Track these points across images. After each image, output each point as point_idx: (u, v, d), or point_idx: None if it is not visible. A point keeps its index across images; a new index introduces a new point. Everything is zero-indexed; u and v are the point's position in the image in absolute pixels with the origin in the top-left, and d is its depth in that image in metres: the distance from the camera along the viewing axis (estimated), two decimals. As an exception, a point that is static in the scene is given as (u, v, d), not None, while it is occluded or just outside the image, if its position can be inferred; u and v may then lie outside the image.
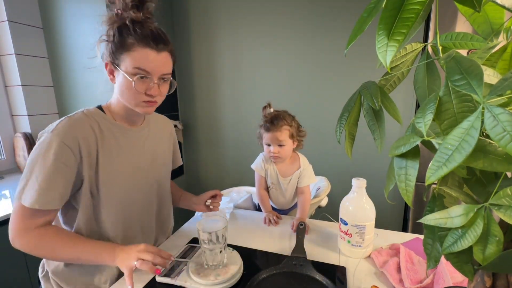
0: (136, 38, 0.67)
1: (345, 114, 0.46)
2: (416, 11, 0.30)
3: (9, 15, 1.61)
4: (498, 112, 0.25)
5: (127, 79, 0.68)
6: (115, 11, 0.68)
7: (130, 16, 0.67)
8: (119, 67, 0.69)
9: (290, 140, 1.06)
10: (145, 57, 0.68)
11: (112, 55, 0.69)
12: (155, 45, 0.69)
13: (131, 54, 0.67)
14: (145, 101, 0.73)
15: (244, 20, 1.96)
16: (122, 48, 0.67)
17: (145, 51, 0.68)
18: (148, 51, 0.68)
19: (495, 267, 0.30)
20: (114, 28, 0.68)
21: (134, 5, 0.68)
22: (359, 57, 1.74)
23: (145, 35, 0.67)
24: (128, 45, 0.67)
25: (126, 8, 0.67)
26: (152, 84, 0.71)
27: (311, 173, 1.13)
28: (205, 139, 2.28)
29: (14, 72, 1.67)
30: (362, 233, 0.81)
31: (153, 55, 0.69)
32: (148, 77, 0.70)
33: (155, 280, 0.74)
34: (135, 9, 0.68)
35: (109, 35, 0.69)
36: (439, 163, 0.28)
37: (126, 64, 0.68)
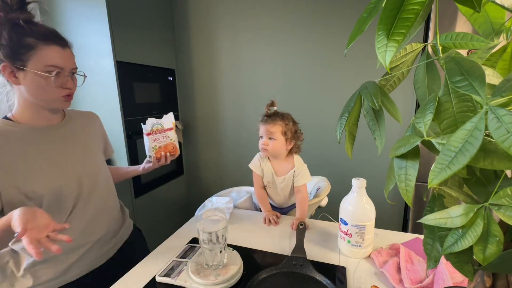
0: (37, 37, 0.68)
1: (345, 114, 0.46)
2: (416, 11, 0.30)
3: (9, 15, 1.61)
4: (502, 114, 0.25)
5: (40, 77, 0.69)
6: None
7: (19, 17, 0.67)
8: (25, 67, 0.68)
9: (281, 136, 1.09)
10: (53, 54, 0.70)
11: (12, 55, 0.67)
12: (58, 41, 0.71)
13: (37, 52, 0.68)
14: (64, 95, 0.75)
15: (244, 20, 1.96)
16: (24, 48, 0.67)
17: (51, 48, 0.70)
18: (54, 48, 0.70)
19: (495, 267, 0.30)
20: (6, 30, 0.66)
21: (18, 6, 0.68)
22: (359, 57, 1.74)
23: (44, 33, 0.69)
24: (30, 44, 0.67)
25: (8, 10, 0.67)
26: (67, 78, 0.74)
27: (306, 173, 1.14)
28: (205, 139, 2.28)
29: (14, 72, 1.67)
30: (362, 233, 0.81)
31: (60, 51, 0.72)
32: (61, 72, 0.72)
33: (155, 280, 0.74)
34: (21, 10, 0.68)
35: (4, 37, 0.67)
36: (442, 165, 0.28)
37: (34, 63, 0.68)
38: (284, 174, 1.15)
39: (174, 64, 2.17)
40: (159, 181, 2.03)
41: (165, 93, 2.07)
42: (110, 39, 1.58)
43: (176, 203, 2.25)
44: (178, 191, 2.29)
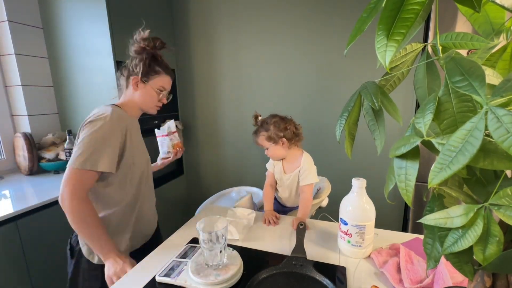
0: (162, 67, 1.01)
1: (345, 114, 0.46)
2: (416, 11, 0.30)
3: (9, 15, 1.61)
4: (502, 114, 0.25)
5: (153, 92, 1.01)
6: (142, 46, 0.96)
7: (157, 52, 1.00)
8: (147, 83, 0.99)
9: (269, 143, 1.16)
10: (167, 81, 1.04)
11: (143, 74, 0.97)
12: (172, 74, 1.06)
13: (159, 77, 1.01)
14: (158, 106, 1.06)
15: (244, 20, 1.96)
16: (153, 72, 0.99)
17: (167, 77, 1.03)
18: (168, 77, 1.04)
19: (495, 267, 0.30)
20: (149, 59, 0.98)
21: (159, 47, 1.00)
22: (359, 57, 1.74)
23: (166, 66, 1.03)
24: (157, 71, 1.00)
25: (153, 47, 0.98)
26: (164, 97, 1.05)
27: (311, 173, 1.14)
28: (205, 139, 2.28)
29: (14, 72, 1.67)
30: (362, 233, 0.81)
31: (170, 80, 1.05)
32: (164, 92, 1.04)
33: (155, 280, 0.74)
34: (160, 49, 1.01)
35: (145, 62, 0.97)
36: (442, 165, 0.28)
37: (154, 82, 1.00)
38: (291, 172, 1.19)
39: (174, 64, 2.17)
40: (159, 181, 2.03)
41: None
42: (110, 39, 1.58)
43: (176, 203, 2.25)
44: (178, 191, 2.29)
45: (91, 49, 1.65)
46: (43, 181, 1.57)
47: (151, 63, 0.99)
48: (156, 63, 1.01)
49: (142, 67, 0.98)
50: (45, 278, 1.32)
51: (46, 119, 1.82)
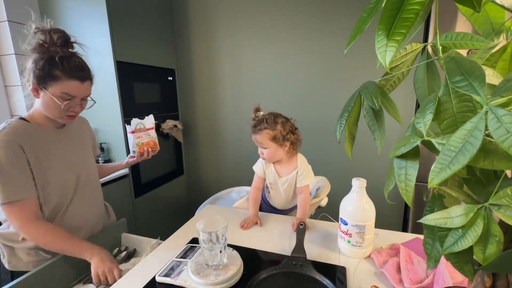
0: (64, 71, 0.81)
1: (345, 114, 0.46)
2: (416, 11, 0.30)
3: (9, 15, 1.61)
4: (502, 114, 0.25)
5: (53, 100, 0.83)
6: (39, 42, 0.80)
7: (57, 52, 0.81)
8: (46, 89, 0.82)
9: (272, 143, 1.06)
10: (71, 87, 0.84)
11: (39, 79, 0.81)
12: (80, 77, 0.85)
13: (58, 83, 0.82)
14: (68, 115, 0.89)
15: (244, 20, 1.96)
16: (50, 77, 0.81)
17: (71, 82, 0.83)
18: (73, 82, 0.84)
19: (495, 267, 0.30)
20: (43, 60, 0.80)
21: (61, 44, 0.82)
22: (359, 57, 1.74)
23: (72, 69, 0.83)
24: (55, 76, 0.81)
25: (52, 44, 0.81)
26: (76, 104, 0.88)
27: (309, 173, 1.13)
28: (205, 139, 2.28)
29: (14, 72, 1.67)
30: (362, 233, 0.81)
31: (77, 84, 0.85)
32: (72, 99, 0.86)
33: (155, 280, 0.74)
34: (62, 47, 0.83)
35: (38, 64, 0.80)
36: (442, 165, 0.28)
37: (53, 89, 0.82)
38: (287, 175, 1.13)
39: (174, 64, 2.17)
40: (159, 181, 2.03)
41: (165, 93, 2.07)
42: (110, 39, 1.58)
43: (176, 203, 2.25)
44: (178, 191, 2.29)
45: (91, 49, 1.64)
46: (43, 181, 1.57)
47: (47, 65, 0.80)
48: (54, 66, 0.80)
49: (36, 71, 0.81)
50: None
51: (46, 119, 1.82)
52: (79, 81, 0.85)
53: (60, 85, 0.82)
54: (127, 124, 1.17)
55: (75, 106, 0.88)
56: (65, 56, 0.83)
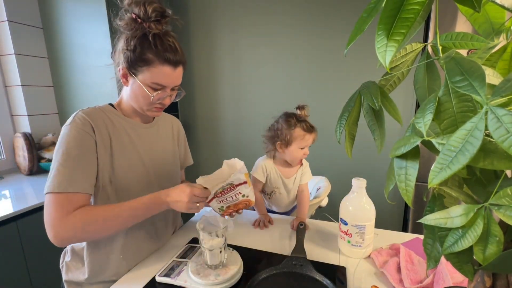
0: (157, 54, 0.69)
1: (345, 114, 0.46)
2: (416, 11, 0.30)
3: (9, 15, 1.61)
4: (502, 114, 0.25)
5: (143, 89, 0.73)
6: (132, 16, 0.69)
7: (151, 29, 0.70)
8: (136, 76, 0.72)
9: None
10: (163, 74, 0.72)
11: (130, 63, 0.71)
12: (173, 61, 0.72)
13: (150, 69, 0.71)
14: (157, 107, 0.79)
15: (244, 20, 1.96)
16: (142, 61, 0.70)
17: (164, 68, 0.71)
18: (166, 68, 0.71)
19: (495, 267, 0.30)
20: (135, 39, 0.69)
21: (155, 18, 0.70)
22: (359, 57, 1.74)
23: (165, 51, 0.70)
24: (148, 60, 0.70)
25: (146, 18, 0.69)
26: (166, 95, 0.77)
27: (309, 170, 1.14)
28: (205, 139, 2.28)
29: (14, 72, 1.67)
30: (362, 233, 0.81)
31: (170, 71, 0.73)
32: (163, 89, 0.75)
33: (155, 280, 0.74)
34: (156, 22, 0.70)
35: (129, 44, 0.70)
36: (442, 165, 0.28)
37: (144, 76, 0.72)
38: (293, 174, 1.11)
39: (174, 64, 2.17)
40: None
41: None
42: (110, 39, 1.58)
43: (176, 203, 2.25)
44: (178, 191, 2.29)
45: (91, 49, 1.65)
46: (43, 181, 1.56)
47: (138, 46, 0.69)
48: (147, 47, 0.69)
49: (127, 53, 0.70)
50: (45, 278, 1.32)
51: (46, 119, 1.83)
52: (172, 66, 0.72)
53: (151, 72, 0.71)
54: None
55: (164, 98, 0.77)
56: (159, 35, 0.70)
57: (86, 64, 1.68)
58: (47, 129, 1.82)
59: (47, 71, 1.81)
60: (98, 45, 1.62)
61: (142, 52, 0.69)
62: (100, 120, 0.75)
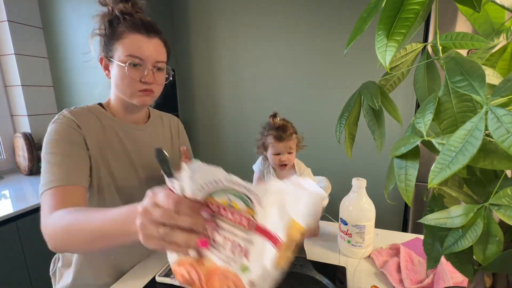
0: (126, 26, 0.68)
1: (345, 114, 0.46)
2: (416, 11, 0.30)
3: (9, 15, 1.61)
4: (502, 114, 0.25)
5: (121, 68, 0.68)
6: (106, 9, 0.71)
7: (120, 8, 0.70)
8: (113, 58, 0.70)
9: (296, 147, 1.08)
10: (136, 43, 0.68)
11: (105, 47, 0.70)
12: (146, 31, 0.69)
13: (122, 42, 0.68)
14: (141, 90, 0.72)
15: (244, 20, 1.96)
16: (114, 38, 0.69)
17: (135, 37, 0.68)
18: (139, 37, 0.69)
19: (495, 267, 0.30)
20: (105, 21, 0.70)
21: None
22: (359, 57, 1.74)
23: (135, 22, 0.69)
24: (118, 33, 0.68)
25: (115, 2, 0.70)
26: (147, 71, 0.70)
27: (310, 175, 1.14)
28: (205, 139, 2.28)
29: (14, 72, 1.67)
30: (362, 233, 0.81)
31: (144, 40, 0.69)
32: (142, 64, 0.70)
33: (155, 280, 0.74)
34: (124, 2, 0.71)
35: (101, 28, 0.70)
36: (442, 165, 0.28)
37: (119, 53, 0.69)
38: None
39: (174, 64, 2.17)
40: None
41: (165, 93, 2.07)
42: (110, 39, 1.58)
43: (176, 203, 2.25)
44: (178, 191, 2.29)
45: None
46: (43, 181, 1.57)
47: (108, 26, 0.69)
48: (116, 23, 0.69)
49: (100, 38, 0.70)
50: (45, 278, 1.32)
51: (46, 119, 1.82)
52: (144, 35, 0.69)
53: (123, 44, 0.68)
54: None
55: (146, 75, 0.70)
56: (128, 12, 0.70)
57: (86, 64, 1.68)
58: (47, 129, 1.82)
59: (47, 71, 1.81)
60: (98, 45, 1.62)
61: (112, 30, 0.69)
62: (88, 119, 0.72)
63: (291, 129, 1.06)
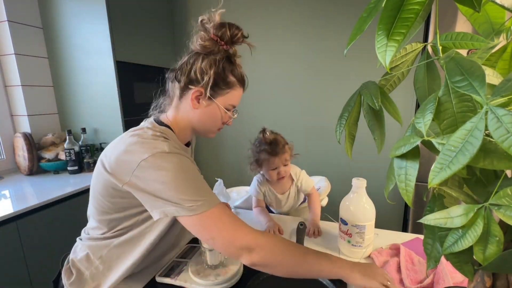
0: (237, 78, 0.71)
1: (345, 114, 0.46)
2: (416, 11, 0.30)
3: (9, 15, 1.61)
4: (502, 114, 0.24)
5: (218, 111, 0.71)
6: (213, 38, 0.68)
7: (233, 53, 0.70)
8: (214, 98, 0.70)
9: (290, 158, 1.08)
10: (238, 97, 0.74)
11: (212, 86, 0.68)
12: (244, 83, 0.75)
13: (231, 92, 0.71)
14: (220, 128, 0.77)
15: (243, 20, 1.96)
16: (225, 84, 0.69)
17: (240, 91, 0.74)
18: (240, 91, 0.74)
19: (495, 267, 0.30)
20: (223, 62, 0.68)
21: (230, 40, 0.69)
22: (359, 57, 1.74)
23: (241, 75, 0.73)
24: (230, 82, 0.70)
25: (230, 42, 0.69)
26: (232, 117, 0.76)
27: (306, 177, 1.15)
28: (205, 139, 2.28)
29: (14, 72, 1.67)
30: (362, 233, 0.81)
31: (242, 92, 0.75)
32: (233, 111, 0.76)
33: (155, 280, 0.74)
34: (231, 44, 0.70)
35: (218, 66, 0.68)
36: (442, 165, 0.28)
37: (224, 99, 0.71)
38: (286, 190, 1.15)
39: (174, 64, 2.17)
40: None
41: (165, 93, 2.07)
42: (110, 39, 1.58)
43: (176, 203, 2.25)
44: (178, 191, 2.29)
45: (91, 49, 1.65)
46: (43, 181, 1.57)
47: (224, 70, 0.68)
48: (230, 70, 0.70)
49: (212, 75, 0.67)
50: (45, 279, 1.32)
51: (46, 119, 1.82)
52: (243, 88, 0.74)
53: (231, 95, 0.71)
54: None
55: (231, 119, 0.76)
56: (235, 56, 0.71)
57: (86, 64, 1.68)
58: (47, 129, 1.82)
59: (47, 71, 1.81)
60: (98, 45, 1.62)
61: (226, 75, 0.69)
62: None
63: (282, 141, 1.07)
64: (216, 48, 0.68)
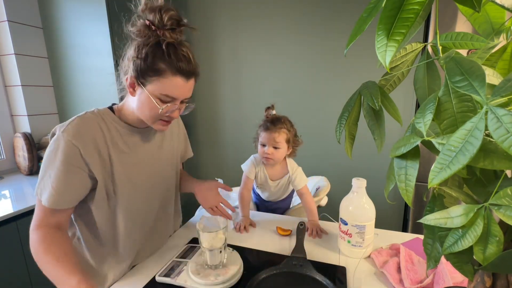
0: (169, 64, 0.65)
1: (345, 114, 0.46)
2: (416, 11, 0.30)
3: (9, 15, 1.61)
4: (502, 114, 0.25)
5: (151, 100, 0.68)
6: (146, 23, 0.65)
7: (165, 37, 0.66)
8: (145, 86, 0.68)
9: (285, 144, 1.06)
10: (175, 85, 0.68)
11: (139, 72, 0.67)
12: (186, 73, 0.68)
13: (161, 80, 0.66)
14: (164, 120, 0.74)
15: (244, 20, 1.96)
16: (152, 71, 0.66)
17: (175, 79, 0.67)
18: (178, 79, 0.67)
19: (495, 267, 0.30)
20: (147, 46, 0.65)
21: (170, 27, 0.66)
22: (359, 57, 1.74)
23: (178, 61, 0.66)
24: (159, 70, 0.66)
25: (161, 26, 0.66)
26: (175, 108, 0.72)
27: (302, 175, 1.13)
28: (205, 139, 2.28)
29: (14, 72, 1.67)
30: (362, 233, 0.81)
31: (182, 83, 0.69)
32: (173, 102, 0.70)
33: (155, 280, 0.74)
34: (171, 31, 0.67)
35: (140, 52, 0.66)
36: (442, 165, 0.28)
37: (153, 87, 0.67)
38: (279, 179, 1.15)
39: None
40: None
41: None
42: (110, 39, 1.58)
43: (176, 203, 2.25)
44: (178, 191, 2.29)
45: (91, 49, 1.65)
46: (43, 181, 1.57)
47: (150, 54, 0.65)
48: (159, 57, 0.65)
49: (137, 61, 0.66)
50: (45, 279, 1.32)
51: (46, 119, 1.82)
52: (184, 78, 0.68)
53: (161, 83, 0.66)
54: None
55: (173, 111, 0.72)
56: (173, 44, 0.66)
57: (86, 64, 1.68)
58: (47, 129, 1.82)
59: (47, 71, 1.81)
60: (98, 45, 1.62)
61: (153, 61, 0.65)
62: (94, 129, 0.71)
63: (283, 124, 1.05)
64: (149, 33, 0.66)
